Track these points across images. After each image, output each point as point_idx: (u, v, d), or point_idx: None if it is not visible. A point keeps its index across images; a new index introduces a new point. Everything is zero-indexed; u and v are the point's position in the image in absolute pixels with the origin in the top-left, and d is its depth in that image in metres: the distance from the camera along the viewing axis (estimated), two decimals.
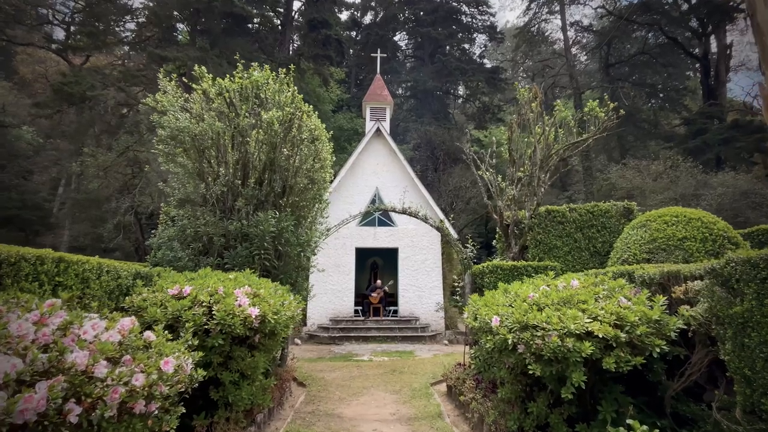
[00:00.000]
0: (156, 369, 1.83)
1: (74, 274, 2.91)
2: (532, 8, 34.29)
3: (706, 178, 21.45)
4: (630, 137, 33.72)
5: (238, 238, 5.68)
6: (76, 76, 16.22)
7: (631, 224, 5.72)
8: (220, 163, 5.82)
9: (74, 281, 2.90)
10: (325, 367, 8.18)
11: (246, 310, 3.45)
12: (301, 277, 6.31)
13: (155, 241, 5.89)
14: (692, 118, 29.96)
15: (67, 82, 15.90)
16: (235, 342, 3.65)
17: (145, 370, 1.78)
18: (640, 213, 6.52)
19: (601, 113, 7.05)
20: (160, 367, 1.87)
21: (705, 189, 20.96)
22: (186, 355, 2.21)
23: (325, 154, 6.55)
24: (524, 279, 5.45)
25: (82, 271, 3.00)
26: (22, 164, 24.66)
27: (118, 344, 1.86)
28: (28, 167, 25.48)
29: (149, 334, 2.15)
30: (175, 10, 25.30)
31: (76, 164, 23.04)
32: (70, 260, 2.88)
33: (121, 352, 1.84)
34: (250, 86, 6.18)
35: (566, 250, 7.09)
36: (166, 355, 2.03)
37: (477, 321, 4.05)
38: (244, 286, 3.86)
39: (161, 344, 2.15)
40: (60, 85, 15.90)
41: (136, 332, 2.06)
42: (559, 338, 3.13)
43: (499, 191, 7.24)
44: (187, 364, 2.18)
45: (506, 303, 3.88)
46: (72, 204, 22.07)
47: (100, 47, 23.06)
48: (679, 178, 22.15)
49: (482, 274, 6.21)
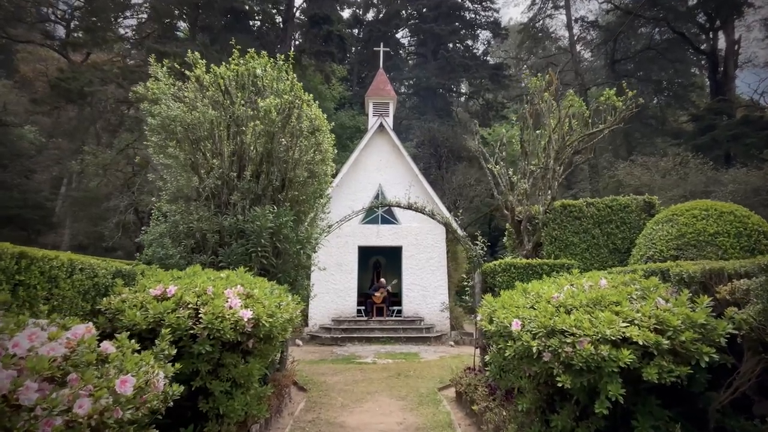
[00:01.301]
0: (109, 390, 1.46)
1: (39, 272, 2.55)
2: (537, 3, 33.78)
3: (717, 174, 20.95)
4: (636, 134, 33.23)
5: (233, 234, 5.33)
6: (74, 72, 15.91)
7: (655, 219, 5.32)
8: (215, 155, 5.46)
9: (39, 280, 2.54)
10: (327, 370, 7.82)
11: (237, 313, 3.09)
12: (300, 276, 5.94)
13: (146, 238, 5.53)
14: (700, 115, 29.41)
15: (65, 78, 15.59)
16: (225, 348, 3.28)
17: (94, 393, 1.41)
18: (663, 208, 6.13)
19: (618, 102, 6.65)
20: (115, 388, 1.49)
21: (715, 186, 20.45)
22: (156, 369, 1.84)
23: (326, 145, 6.18)
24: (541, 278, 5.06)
25: (49, 269, 2.64)
26: (24, 164, 24.54)
27: (63, 359, 1.49)
28: (30, 166, 25.33)
29: (106, 345, 1.77)
30: (175, 6, 24.99)
31: (75, 162, 22.83)
32: (34, 256, 2.52)
33: (66, 369, 1.47)
34: (246, 73, 5.81)
35: (583, 247, 6.67)
36: (127, 371, 1.66)
37: (493, 324, 3.66)
38: (237, 285, 3.49)
39: (121, 357, 1.78)
40: (57, 81, 15.60)
41: (91, 342, 1.68)
42: (593, 345, 2.74)
43: (510, 185, 6.84)
44: (159, 379, 1.82)
45: (527, 304, 3.49)
46: (71, 203, 21.82)
47: (100, 44, 22.78)
48: (689, 174, 21.66)
49: (494, 272, 5.82)
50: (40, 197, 25.11)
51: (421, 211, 6.65)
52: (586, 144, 7.07)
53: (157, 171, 5.74)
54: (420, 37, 38.83)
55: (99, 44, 21.82)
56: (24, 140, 23.43)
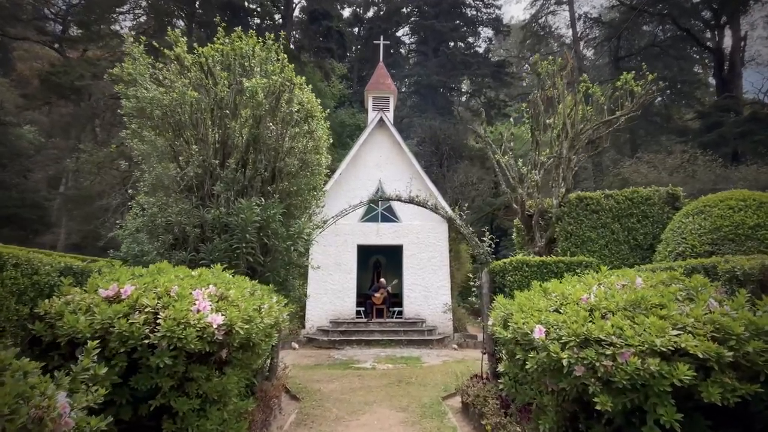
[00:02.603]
0: None
1: None
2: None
3: (726, 172, 20.41)
4: (641, 132, 32.68)
5: (216, 229, 4.81)
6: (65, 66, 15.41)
7: (684, 212, 4.80)
8: (197, 141, 4.94)
9: None
10: (323, 377, 7.30)
11: (204, 318, 2.57)
12: (291, 275, 5.43)
13: (120, 233, 5.02)
14: (707, 112, 28.90)
15: (56, 72, 15.09)
16: (192, 359, 2.77)
17: None
18: (688, 200, 5.60)
19: (637, 87, 6.13)
20: None
21: (724, 183, 19.89)
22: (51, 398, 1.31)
23: (320, 132, 5.67)
24: (556, 277, 4.54)
25: None
26: (23, 163, 24.25)
27: None
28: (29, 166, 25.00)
29: None
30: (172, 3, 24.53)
31: (70, 161, 22.42)
32: None
33: None
34: (232, 53, 5.30)
35: (602, 243, 6.13)
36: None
37: (509, 330, 3.14)
38: (209, 285, 2.97)
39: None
40: (47, 76, 15.10)
41: None
42: (638, 358, 2.22)
43: (520, 178, 6.31)
44: (65, 412, 1.32)
45: (549, 307, 2.97)
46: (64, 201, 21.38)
47: (95, 40, 22.31)
48: (697, 172, 21.10)
49: (503, 271, 5.29)
50: (39, 197, 24.80)
51: (423, 205, 6.13)
52: (602, 133, 6.55)
53: (135, 160, 5.23)
54: (421, 35, 38.33)
55: (94, 40, 21.35)
56: (23, 140, 23.20)
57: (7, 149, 22.37)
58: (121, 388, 2.61)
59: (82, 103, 19.63)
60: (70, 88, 15.31)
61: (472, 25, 37.72)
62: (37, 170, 26.09)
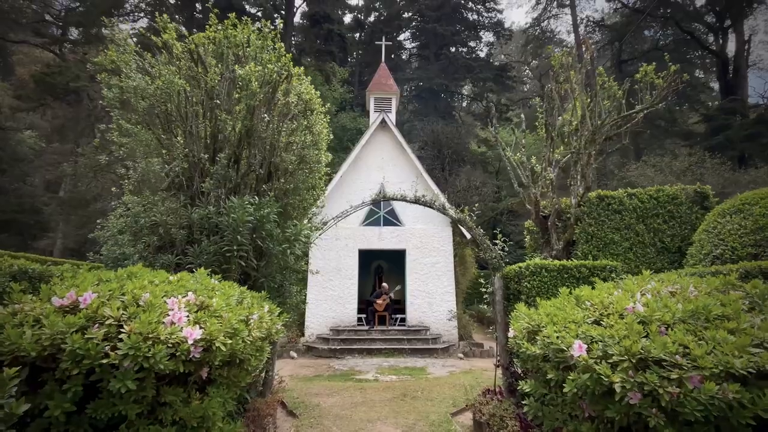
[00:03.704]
0: None
1: None
2: (541, 2, 33.11)
3: (735, 175, 20.01)
4: (645, 135, 32.34)
5: (204, 230, 4.39)
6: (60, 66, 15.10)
7: (718, 211, 4.38)
8: (185, 134, 4.54)
9: None
10: (322, 389, 6.83)
11: (178, 333, 2.14)
12: (288, 280, 4.99)
13: (100, 234, 4.61)
14: (712, 115, 28.58)
15: (50, 72, 14.77)
16: (165, 381, 2.33)
17: None
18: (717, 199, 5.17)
19: (658, 80, 5.73)
20: None
21: (733, 187, 19.49)
22: None
23: (319, 127, 5.26)
24: (580, 282, 4.10)
25: None
26: (23, 168, 24.07)
27: None
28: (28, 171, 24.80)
29: None
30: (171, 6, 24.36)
31: (68, 165, 22.13)
32: None
33: None
34: (225, 42, 4.92)
35: (626, 246, 5.68)
36: None
37: (536, 345, 2.71)
38: (188, 292, 2.55)
39: None
40: (42, 76, 14.78)
41: None
42: (713, 383, 1.79)
43: (533, 177, 5.90)
44: None
45: (587, 318, 2.54)
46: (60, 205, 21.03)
47: (93, 42, 22.07)
48: (704, 175, 20.70)
49: (518, 276, 4.86)
50: (38, 201, 24.55)
51: (430, 206, 5.71)
52: (619, 129, 6.14)
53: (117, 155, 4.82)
54: (422, 40, 38.13)
55: (92, 42, 21.12)
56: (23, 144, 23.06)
57: (7, 154, 22.23)
58: (79, 417, 2.17)
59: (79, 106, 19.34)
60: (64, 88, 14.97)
61: (474, 29, 37.55)
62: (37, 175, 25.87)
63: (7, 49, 27.24)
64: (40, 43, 21.20)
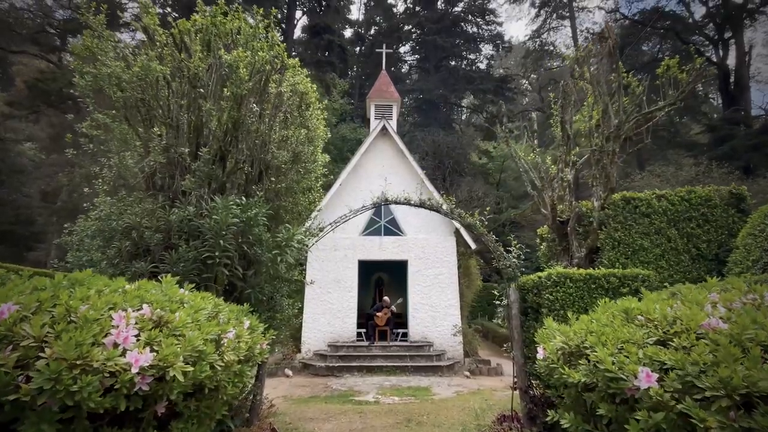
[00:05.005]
0: None
1: None
2: (541, 15, 33.28)
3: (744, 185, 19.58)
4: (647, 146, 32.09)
5: (184, 233, 3.88)
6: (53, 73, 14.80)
7: (765, 212, 3.89)
8: (165, 125, 4.07)
9: None
10: (318, 413, 6.20)
11: (117, 358, 1.61)
12: (279, 292, 4.45)
13: (65, 239, 4.10)
14: (715, 125, 28.36)
15: (44, 79, 14.46)
16: (104, 421, 1.78)
17: None
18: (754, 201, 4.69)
19: (682, 74, 5.30)
20: None
21: None
22: None
23: (315, 121, 4.80)
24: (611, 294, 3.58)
25: None
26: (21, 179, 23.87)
27: None
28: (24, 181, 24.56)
29: None
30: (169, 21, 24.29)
31: (62, 175, 21.80)
32: None
33: None
34: (214, 30, 4.50)
35: (657, 253, 5.14)
36: None
37: (580, 371, 2.17)
38: (144, 304, 2.02)
39: None
40: (35, 82, 14.47)
41: None
42: None
43: (549, 179, 5.42)
44: None
45: (647, 338, 2.01)
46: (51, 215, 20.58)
47: None
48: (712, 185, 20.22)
49: (538, 288, 4.32)
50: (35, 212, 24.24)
51: (437, 210, 5.22)
52: (639, 128, 5.69)
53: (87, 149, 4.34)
54: (422, 53, 38.26)
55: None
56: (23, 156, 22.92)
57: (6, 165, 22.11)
58: None
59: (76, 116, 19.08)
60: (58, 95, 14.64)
61: (473, 41, 37.72)
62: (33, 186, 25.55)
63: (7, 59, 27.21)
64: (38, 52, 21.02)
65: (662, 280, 4.61)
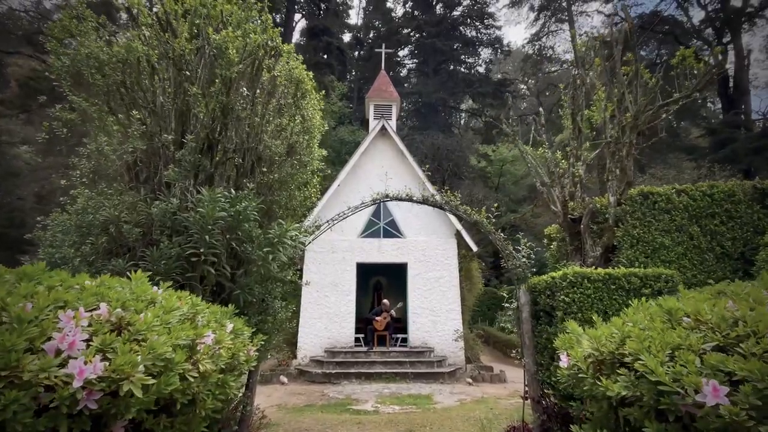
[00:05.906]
0: None
1: None
2: (540, 19, 33.26)
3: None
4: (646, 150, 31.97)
5: (166, 228, 3.55)
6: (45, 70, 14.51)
7: None
8: (147, 111, 3.75)
9: None
10: (313, 424, 5.84)
11: (51, 368, 1.28)
12: (271, 293, 4.12)
13: (40, 234, 3.77)
14: (716, 129, 28.26)
15: (35, 77, 14.16)
16: None
17: None
18: None
19: (699, 64, 5.03)
20: None
21: None
22: None
23: (311, 110, 4.50)
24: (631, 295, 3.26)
25: None
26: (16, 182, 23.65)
27: None
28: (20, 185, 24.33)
29: None
30: None
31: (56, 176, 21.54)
32: None
33: None
34: (203, 11, 4.20)
35: (679, 252, 4.82)
36: None
37: (618, 383, 1.84)
38: (102, 303, 1.69)
39: None
40: (26, 80, 14.16)
41: None
42: None
43: (559, 173, 5.12)
44: None
45: (704, 344, 1.69)
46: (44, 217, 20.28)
47: None
48: None
49: (551, 289, 4.00)
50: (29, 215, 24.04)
51: (441, 207, 4.91)
52: (653, 121, 5.41)
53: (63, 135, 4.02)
54: (421, 57, 38.15)
55: None
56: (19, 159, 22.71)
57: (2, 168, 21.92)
58: None
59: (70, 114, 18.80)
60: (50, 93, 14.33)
61: (472, 45, 37.66)
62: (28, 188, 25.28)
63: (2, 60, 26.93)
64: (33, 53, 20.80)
65: (686, 281, 4.31)
